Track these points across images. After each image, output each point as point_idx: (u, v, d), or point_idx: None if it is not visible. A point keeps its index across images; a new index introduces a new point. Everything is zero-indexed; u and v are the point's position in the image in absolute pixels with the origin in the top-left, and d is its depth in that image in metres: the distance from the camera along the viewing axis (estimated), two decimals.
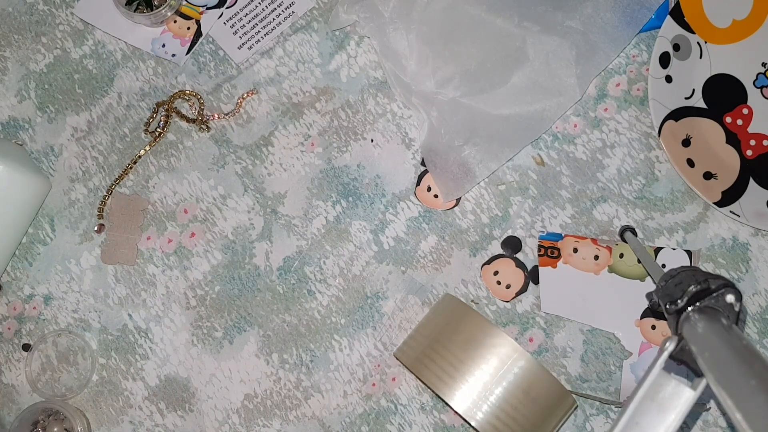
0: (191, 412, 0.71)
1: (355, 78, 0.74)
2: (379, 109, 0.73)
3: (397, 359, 0.67)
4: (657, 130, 0.69)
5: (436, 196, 0.72)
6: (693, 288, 0.50)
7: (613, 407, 0.69)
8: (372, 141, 0.73)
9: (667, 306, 0.51)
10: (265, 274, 0.72)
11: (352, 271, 0.72)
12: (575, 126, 0.72)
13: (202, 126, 0.74)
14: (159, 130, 0.74)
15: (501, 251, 0.71)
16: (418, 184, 0.73)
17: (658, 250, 0.69)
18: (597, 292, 0.69)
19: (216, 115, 0.74)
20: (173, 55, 0.75)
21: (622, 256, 0.69)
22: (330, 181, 0.73)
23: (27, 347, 0.72)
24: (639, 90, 0.72)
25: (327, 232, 0.72)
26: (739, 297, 0.50)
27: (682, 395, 0.48)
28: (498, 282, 0.71)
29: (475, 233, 0.72)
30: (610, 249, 0.70)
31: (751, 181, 0.70)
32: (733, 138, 0.71)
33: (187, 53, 0.75)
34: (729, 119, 0.71)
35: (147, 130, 0.74)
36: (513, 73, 0.70)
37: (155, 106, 0.74)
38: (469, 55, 0.71)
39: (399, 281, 0.71)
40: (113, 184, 0.74)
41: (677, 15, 0.70)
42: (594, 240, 0.70)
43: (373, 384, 0.70)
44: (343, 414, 0.70)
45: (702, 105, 0.71)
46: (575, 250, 0.70)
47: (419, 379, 0.68)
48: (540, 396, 0.61)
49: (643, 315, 0.69)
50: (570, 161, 0.72)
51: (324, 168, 0.73)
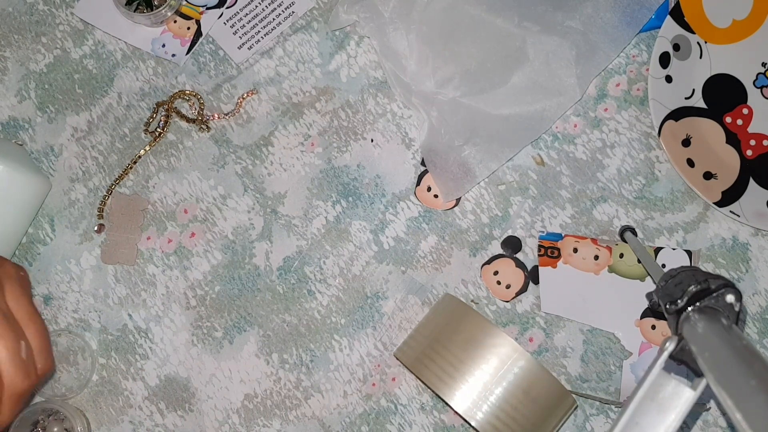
0: (191, 412, 0.71)
1: (355, 78, 0.74)
2: (379, 109, 0.73)
3: (397, 359, 0.67)
4: (657, 130, 0.69)
5: (436, 196, 0.72)
6: (693, 288, 0.50)
7: (613, 407, 0.69)
8: (372, 141, 0.73)
9: (667, 306, 0.51)
10: (265, 274, 0.72)
11: (352, 271, 0.72)
12: (575, 126, 0.72)
13: (202, 126, 0.74)
14: (159, 130, 0.74)
15: (501, 251, 0.71)
16: (418, 184, 0.73)
17: (658, 250, 0.69)
18: (597, 292, 0.69)
19: (216, 115, 0.74)
20: (173, 55, 0.75)
21: (622, 256, 0.69)
22: (330, 181, 0.73)
23: None
24: (639, 90, 0.72)
25: (327, 232, 0.72)
26: (739, 297, 0.50)
27: (682, 395, 0.48)
28: (498, 282, 0.71)
29: (475, 233, 0.72)
30: (610, 249, 0.70)
31: (751, 181, 0.70)
32: (733, 138, 0.71)
33: (187, 53, 0.75)
34: (729, 119, 0.71)
35: (147, 130, 0.74)
36: (513, 73, 0.70)
37: (155, 106, 0.74)
38: (469, 55, 0.71)
39: (399, 281, 0.71)
40: (113, 184, 0.74)
41: (677, 15, 0.70)
42: (594, 240, 0.70)
43: (373, 384, 0.70)
44: (343, 414, 0.70)
45: (702, 105, 0.71)
46: (575, 250, 0.70)
47: (419, 379, 0.68)
48: (540, 396, 0.61)
49: (643, 315, 0.69)
50: (570, 161, 0.72)
51: (324, 168, 0.73)
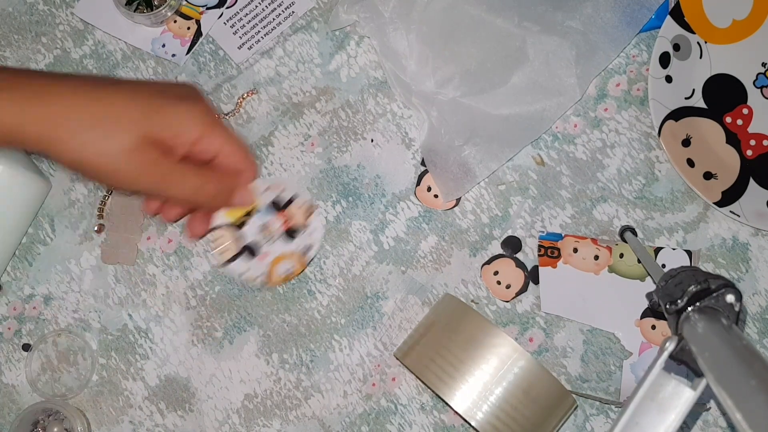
0: (191, 412, 0.71)
1: (355, 78, 0.74)
2: (379, 109, 0.73)
3: (397, 359, 0.67)
4: (657, 130, 0.69)
5: (436, 196, 0.72)
6: (693, 288, 0.50)
7: (613, 407, 0.69)
8: (372, 141, 0.73)
9: (667, 306, 0.51)
10: None
11: (352, 271, 0.72)
12: (575, 126, 0.72)
13: None
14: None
15: (501, 251, 0.71)
16: (418, 184, 0.73)
17: (658, 250, 0.69)
18: (597, 292, 0.69)
19: (216, 115, 0.74)
20: (173, 55, 0.75)
21: (622, 256, 0.69)
22: (330, 181, 0.73)
23: (27, 347, 0.72)
24: (639, 90, 0.72)
25: (327, 232, 0.72)
26: (739, 297, 0.50)
27: (682, 395, 0.48)
28: (498, 282, 0.71)
29: (475, 233, 0.72)
30: (610, 249, 0.70)
31: (751, 181, 0.70)
32: (733, 138, 0.71)
33: (187, 53, 0.75)
34: (729, 119, 0.71)
35: None
36: (513, 73, 0.70)
37: None
38: (469, 55, 0.71)
39: (399, 281, 0.71)
40: None
41: (677, 15, 0.70)
42: (594, 240, 0.70)
43: (373, 384, 0.70)
44: (343, 414, 0.70)
45: (702, 105, 0.71)
46: (575, 250, 0.70)
47: (419, 379, 0.68)
48: (540, 396, 0.61)
49: (643, 315, 0.69)
50: (570, 161, 0.72)
51: (324, 168, 0.73)
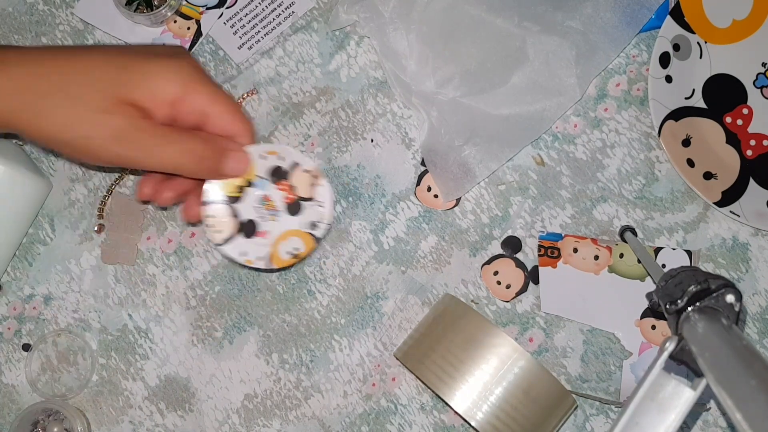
0: (191, 412, 0.71)
1: (355, 78, 0.74)
2: (379, 109, 0.73)
3: (397, 359, 0.67)
4: (657, 130, 0.69)
5: (436, 196, 0.72)
6: (693, 288, 0.50)
7: (613, 407, 0.69)
8: (372, 141, 0.73)
9: (667, 306, 0.51)
10: (265, 274, 0.72)
11: (352, 271, 0.72)
12: (575, 126, 0.72)
13: None
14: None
15: (501, 251, 0.71)
16: (418, 184, 0.73)
17: (658, 250, 0.69)
18: (597, 292, 0.69)
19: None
20: None
21: (622, 256, 0.69)
22: (330, 181, 0.73)
23: (27, 347, 0.72)
24: (639, 90, 0.72)
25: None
26: (739, 297, 0.50)
27: (682, 395, 0.48)
28: (498, 282, 0.71)
29: (475, 233, 0.72)
30: (610, 249, 0.70)
31: (751, 181, 0.70)
32: (733, 138, 0.71)
33: None
34: (729, 119, 0.71)
35: None
36: (513, 73, 0.70)
37: None
38: (469, 55, 0.71)
39: (399, 281, 0.71)
40: (113, 184, 0.73)
41: (677, 15, 0.70)
42: (594, 240, 0.70)
43: (373, 384, 0.70)
44: (343, 414, 0.70)
45: (702, 105, 0.71)
46: (575, 250, 0.70)
47: (419, 379, 0.68)
48: (540, 396, 0.61)
49: (643, 315, 0.69)
50: (570, 161, 0.72)
51: (324, 168, 0.73)
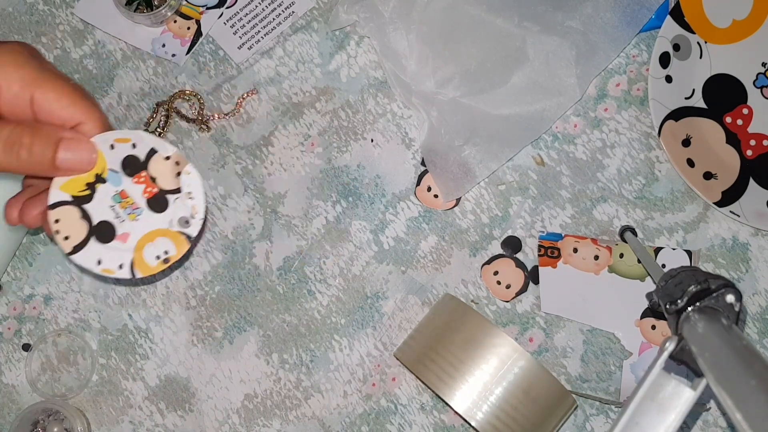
0: (191, 412, 0.71)
1: (355, 78, 0.74)
2: (379, 109, 0.73)
3: (397, 359, 0.67)
4: (657, 130, 0.69)
5: (436, 196, 0.72)
6: (693, 288, 0.50)
7: (613, 407, 0.69)
8: (372, 141, 0.73)
9: (667, 306, 0.51)
10: (265, 274, 0.72)
11: (352, 271, 0.72)
12: (575, 126, 0.72)
13: (202, 126, 0.74)
14: (159, 130, 0.74)
15: (501, 251, 0.71)
16: (418, 184, 0.73)
17: (658, 250, 0.69)
18: (597, 292, 0.69)
19: (216, 115, 0.74)
20: (173, 55, 0.75)
21: (622, 256, 0.69)
22: (330, 181, 0.73)
23: (27, 347, 0.72)
24: (639, 90, 0.72)
25: (327, 232, 0.72)
26: (739, 297, 0.50)
27: (682, 395, 0.48)
28: (498, 282, 0.71)
29: (475, 233, 0.72)
30: (610, 249, 0.70)
31: (751, 181, 0.70)
32: (733, 138, 0.71)
33: (187, 53, 0.75)
34: (729, 119, 0.71)
35: (147, 130, 0.74)
36: (513, 73, 0.70)
37: (155, 106, 0.74)
38: (469, 55, 0.71)
39: (399, 281, 0.71)
40: None
41: (677, 15, 0.70)
42: (594, 240, 0.70)
43: (373, 384, 0.70)
44: (343, 414, 0.70)
45: (702, 105, 0.71)
46: (575, 250, 0.70)
47: (419, 379, 0.68)
48: (540, 396, 0.61)
49: (643, 315, 0.69)
50: (570, 161, 0.72)
51: (324, 168, 0.73)
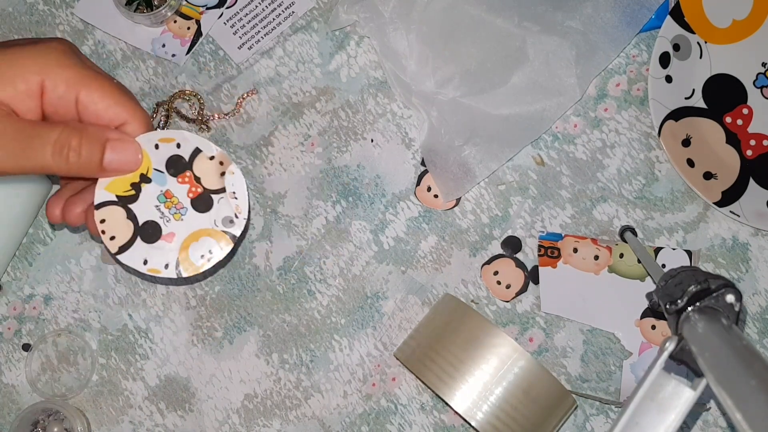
0: (191, 412, 0.71)
1: (355, 78, 0.74)
2: (379, 109, 0.73)
3: (397, 359, 0.67)
4: (657, 130, 0.69)
5: (436, 196, 0.72)
6: (693, 288, 0.50)
7: (613, 407, 0.69)
8: (372, 141, 0.73)
9: (667, 306, 0.51)
10: (265, 274, 0.72)
11: (352, 271, 0.72)
12: (575, 126, 0.72)
13: (202, 126, 0.74)
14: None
15: (501, 251, 0.71)
16: (418, 184, 0.73)
17: (658, 250, 0.69)
18: (597, 292, 0.69)
19: (216, 115, 0.74)
20: (173, 55, 0.75)
21: (622, 256, 0.69)
22: (330, 181, 0.73)
23: (27, 347, 0.72)
24: (639, 90, 0.72)
25: (327, 232, 0.72)
26: (739, 297, 0.50)
27: (682, 395, 0.48)
28: (498, 282, 0.71)
29: (475, 233, 0.72)
30: (610, 249, 0.70)
31: (751, 181, 0.70)
32: (733, 138, 0.71)
33: (187, 53, 0.75)
34: (729, 119, 0.71)
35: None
36: (513, 73, 0.70)
37: (155, 106, 0.74)
38: (469, 55, 0.71)
39: (399, 281, 0.71)
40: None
41: (677, 15, 0.70)
42: (594, 240, 0.70)
43: (373, 384, 0.70)
44: (343, 414, 0.70)
45: (702, 105, 0.71)
46: (575, 250, 0.70)
47: (419, 379, 0.68)
48: (540, 396, 0.61)
49: (643, 315, 0.69)
50: (570, 161, 0.72)
51: (324, 168, 0.73)
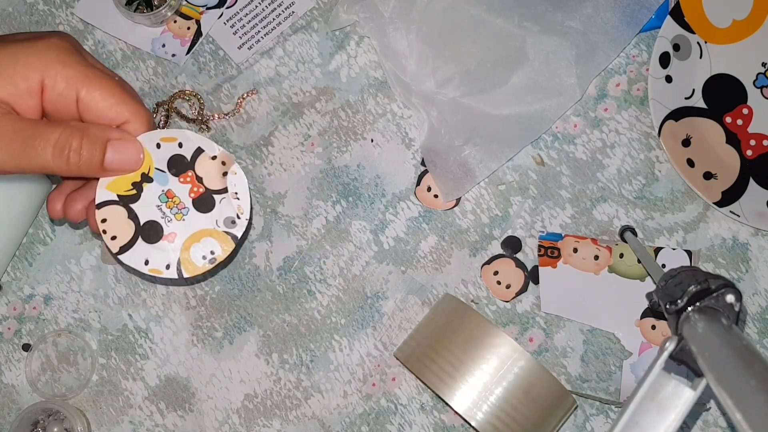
0: (191, 412, 0.71)
1: (355, 78, 0.74)
2: (379, 109, 0.73)
3: (397, 359, 0.67)
4: (657, 130, 0.69)
5: (436, 196, 0.72)
6: (693, 288, 0.50)
7: (613, 407, 0.69)
8: (372, 141, 0.73)
9: (667, 306, 0.51)
10: (265, 274, 0.72)
11: (352, 271, 0.72)
12: (575, 126, 0.72)
13: (202, 126, 0.74)
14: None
15: (501, 251, 0.71)
16: (418, 184, 0.73)
17: (658, 250, 0.69)
18: (597, 292, 0.69)
19: (216, 115, 0.74)
20: (173, 55, 0.75)
21: (622, 256, 0.69)
22: (330, 181, 0.73)
23: (27, 347, 0.72)
24: (639, 90, 0.72)
25: (327, 232, 0.72)
26: (739, 297, 0.50)
27: (682, 395, 0.48)
28: (498, 282, 0.71)
29: (475, 233, 0.72)
30: (610, 249, 0.70)
31: (751, 181, 0.70)
32: (733, 138, 0.71)
33: (187, 53, 0.75)
34: (729, 119, 0.71)
35: None
36: (513, 73, 0.70)
37: (155, 106, 0.74)
38: (469, 55, 0.71)
39: (399, 281, 0.71)
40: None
41: (677, 15, 0.70)
42: (594, 240, 0.70)
43: (373, 384, 0.70)
44: (343, 414, 0.70)
45: (702, 105, 0.71)
46: (575, 250, 0.70)
47: (419, 379, 0.68)
48: (540, 396, 0.61)
49: (643, 315, 0.69)
50: (570, 161, 0.72)
51: (324, 168, 0.73)
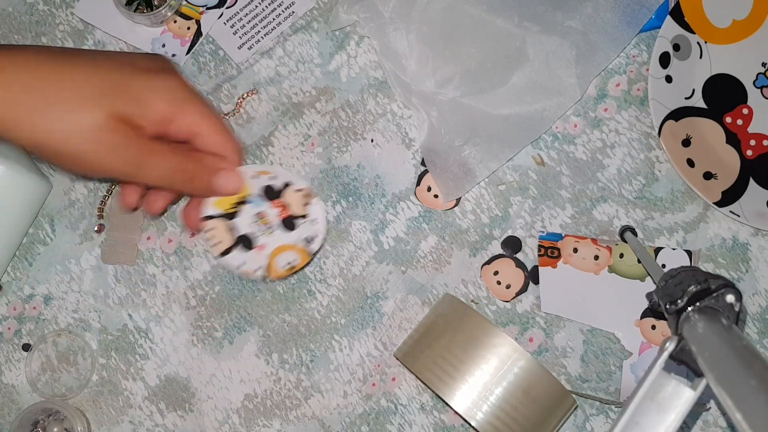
0: (191, 412, 0.71)
1: (355, 78, 0.74)
2: (379, 109, 0.73)
3: (397, 359, 0.67)
4: (657, 130, 0.69)
5: (436, 196, 0.72)
6: (693, 288, 0.50)
7: (613, 407, 0.69)
8: (372, 141, 0.73)
9: (667, 306, 0.51)
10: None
11: (352, 271, 0.72)
12: (575, 126, 0.72)
13: None
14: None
15: (501, 251, 0.71)
16: (418, 184, 0.73)
17: (658, 250, 0.69)
18: (597, 292, 0.69)
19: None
20: (173, 55, 0.75)
21: (622, 256, 0.70)
22: (330, 181, 0.73)
23: (27, 347, 0.72)
24: (639, 90, 0.72)
25: (327, 232, 0.72)
26: (739, 297, 0.50)
27: (682, 395, 0.48)
28: (498, 282, 0.71)
29: (475, 233, 0.72)
30: (610, 249, 0.70)
31: (751, 181, 0.70)
32: (733, 138, 0.71)
33: (187, 53, 0.75)
34: (729, 119, 0.71)
35: None
36: (513, 73, 0.70)
37: None
38: (469, 55, 0.71)
39: (399, 281, 0.71)
40: (113, 184, 0.73)
41: (677, 15, 0.70)
42: (594, 240, 0.70)
43: (373, 384, 0.70)
44: (343, 414, 0.70)
45: (702, 105, 0.71)
46: (575, 250, 0.70)
47: (419, 379, 0.68)
48: (540, 396, 0.61)
49: (643, 315, 0.69)
50: (570, 161, 0.72)
51: (324, 168, 0.73)
